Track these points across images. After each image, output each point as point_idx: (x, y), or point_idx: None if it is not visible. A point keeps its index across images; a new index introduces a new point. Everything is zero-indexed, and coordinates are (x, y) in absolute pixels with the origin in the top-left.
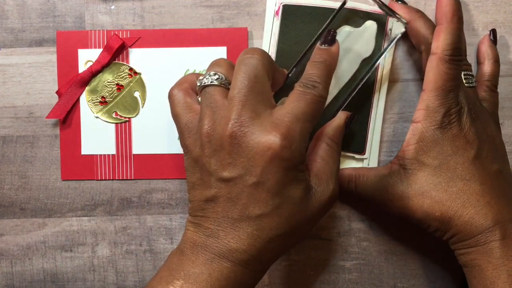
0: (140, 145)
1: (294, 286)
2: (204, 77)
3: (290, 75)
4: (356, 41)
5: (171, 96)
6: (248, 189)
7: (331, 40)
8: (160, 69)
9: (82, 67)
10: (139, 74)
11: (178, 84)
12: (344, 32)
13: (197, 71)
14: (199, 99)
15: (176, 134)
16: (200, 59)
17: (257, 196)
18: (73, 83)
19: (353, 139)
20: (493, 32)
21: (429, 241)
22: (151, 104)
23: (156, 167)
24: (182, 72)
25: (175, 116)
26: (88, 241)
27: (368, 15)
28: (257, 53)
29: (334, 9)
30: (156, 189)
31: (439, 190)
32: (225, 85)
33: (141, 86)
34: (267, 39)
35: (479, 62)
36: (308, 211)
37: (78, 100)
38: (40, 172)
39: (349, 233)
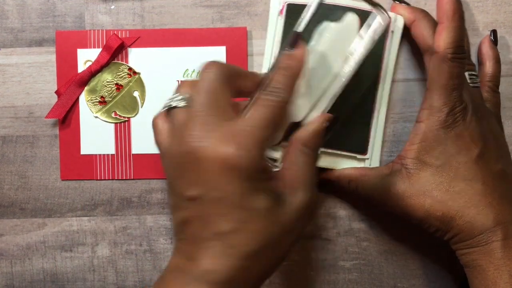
0: (140, 145)
1: (294, 286)
2: (166, 101)
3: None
4: (337, 36)
5: (154, 125)
6: (213, 205)
7: (294, 43)
8: (160, 68)
9: (82, 67)
10: (139, 74)
11: (162, 113)
12: (323, 28)
13: (196, 71)
14: None
15: None
16: (199, 59)
17: (221, 212)
18: (72, 83)
19: (354, 139)
20: (494, 32)
21: (429, 241)
22: (150, 104)
23: (156, 167)
24: (181, 71)
25: (157, 144)
26: (88, 241)
27: (348, 10)
28: (214, 66)
29: (336, 6)
30: (156, 189)
31: (441, 190)
32: (187, 103)
33: (141, 86)
34: (271, 39)
35: (480, 63)
36: (281, 222)
37: (77, 100)
38: (40, 172)
39: (349, 233)
